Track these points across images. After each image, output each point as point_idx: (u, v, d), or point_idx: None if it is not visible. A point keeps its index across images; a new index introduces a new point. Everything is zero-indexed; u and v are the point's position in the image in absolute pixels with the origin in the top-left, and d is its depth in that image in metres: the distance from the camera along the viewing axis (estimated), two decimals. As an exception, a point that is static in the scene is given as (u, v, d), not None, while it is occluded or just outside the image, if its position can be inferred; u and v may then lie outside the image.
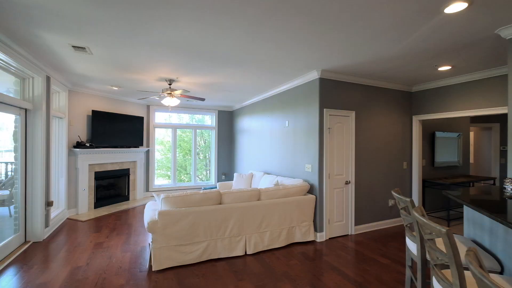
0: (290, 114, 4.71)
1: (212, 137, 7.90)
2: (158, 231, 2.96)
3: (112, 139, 5.88)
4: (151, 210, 3.27)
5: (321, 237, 3.95)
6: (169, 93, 4.48)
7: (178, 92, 4.47)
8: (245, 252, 3.44)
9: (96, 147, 5.47)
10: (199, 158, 8.27)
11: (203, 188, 6.87)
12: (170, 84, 4.52)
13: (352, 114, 4.24)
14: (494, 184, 6.20)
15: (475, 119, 6.78)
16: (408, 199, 1.85)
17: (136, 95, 5.89)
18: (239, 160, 7.30)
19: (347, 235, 4.23)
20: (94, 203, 5.65)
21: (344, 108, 4.18)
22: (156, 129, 7.27)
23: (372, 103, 4.50)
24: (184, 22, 2.41)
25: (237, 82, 4.63)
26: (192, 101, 6.60)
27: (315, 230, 3.98)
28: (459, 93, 4.23)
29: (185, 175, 8.20)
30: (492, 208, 1.72)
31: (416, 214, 1.43)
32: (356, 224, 4.31)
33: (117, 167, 6.17)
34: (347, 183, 4.20)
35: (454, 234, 2.05)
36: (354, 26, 2.45)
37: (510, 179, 2.42)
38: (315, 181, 4.00)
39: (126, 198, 6.43)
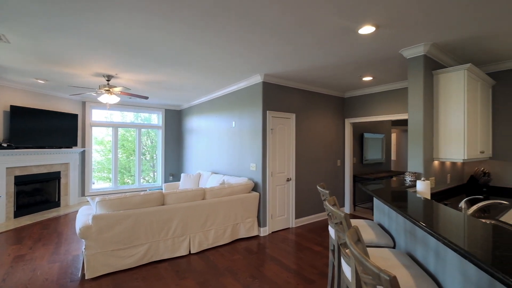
0: (236, 115, 4.86)
1: (158, 136, 7.60)
2: (92, 237, 2.78)
3: (38, 139, 5.21)
4: (85, 215, 3.05)
5: (264, 231, 4.20)
6: (107, 90, 4.20)
7: (117, 89, 4.22)
8: (189, 252, 3.47)
9: (16, 148, 4.79)
10: (145, 159, 7.87)
11: (148, 190, 6.56)
12: (108, 81, 4.24)
13: (293, 116, 4.60)
14: (409, 177, 7.36)
15: (395, 123, 7.93)
16: (327, 192, 2.15)
17: (69, 90, 5.33)
18: (187, 160, 7.18)
19: (288, 228, 4.57)
20: (14, 211, 4.94)
21: (286, 110, 4.51)
22: (93, 128, 6.67)
23: (311, 107, 4.94)
24: (118, 17, 2.34)
25: (183, 82, 4.58)
26: (136, 99, 6.26)
27: (259, 225, 4.20)
28: (380, 100, 4.93)
29: (130, 177, 7.71)
30: (387, 195, 2.12)
31: (328, 204, 1.69)
32: (296, 217, 4.68)
33: (44, 170, 5.49)
34: (288, 180, 4.53)
35: (366, 219, 2.44)
36: (288, 38, 2.70)
37: (409, 173, 2.97)
38: (259, 179, 4.22)
39: (56, 204, 5.76)
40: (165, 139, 7.52)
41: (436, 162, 3.15)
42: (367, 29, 2.48)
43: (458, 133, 2.88)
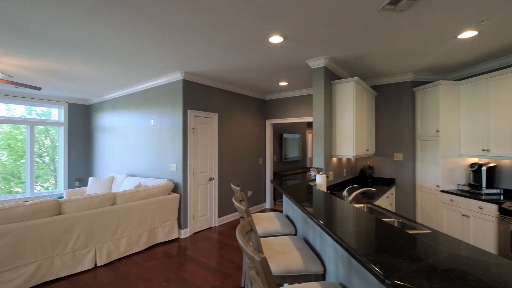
0: (155, 113, 4.58)
1: (60, 135, 6.45)
2: (-51, 263, 2.17)
3: None
4: None
5: (185, 233, 4.10)
6: (-22, 76, 3.33)
7: (-5, 76, 3.39)
8: (95, 265, 3.09)
9: None
10: (43, 162, 6.55)
11: (45, 199, 5.49)
12: (-20, 64, 3.36)
13: (215, 116, 4.63)
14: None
15: (310, 124, 8.93)
16: (238, 188, 2.27)
17: None
18: (99, 163, 6.35)
19: (212, 227, 4.59)
20: None
21: (208, 110, 4.51)
22: (-40, 123, 5.17)
23: (233, 107, 5.08)
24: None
25: (89, 73, 4.03)
26: (25, 89, 5.15)
27: (179, 227, 4.08)
28: (295, 104, 5.47)
29: (20, 185, 6.29)
30: (290, 189, 2.39)
31: (234, 200, 1.79)
32: (219, 216, 4.74)
33: None
34: (211, 179, 4.55)
35: (277, 212, 2.68)
36: (203, 38, 2.71)
37: (314, 168, 3.41)
38: (179, 179, 4.10)
39: None
40: (69, 138, 6.44)
41: (334, 159, 3.71)
42: (276, 39, 2.72)
43: (349, 134, 3.46)
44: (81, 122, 6.63)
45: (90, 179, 5.00)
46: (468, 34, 2.61)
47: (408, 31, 2.56)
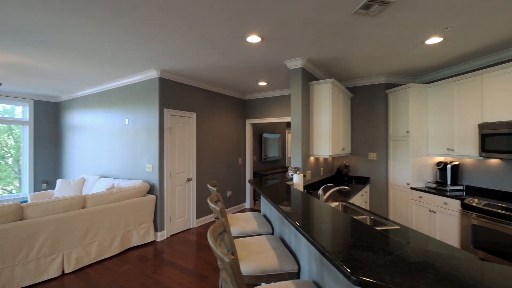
0: (130, 112, 4.40)
1: (25, 134, 6.01)
2: None
3: None
4: None
5: (162, 235, 3.98)
6: None
7: None
8: (63, 272, 2.91)
9: None
10: (6, 163, 6.07)
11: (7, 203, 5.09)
12: None
13: (194, 115, 4.55)
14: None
15: (290, 124, 9.05)
16: (214, 189, 2.24)
17: None
18: (69, 164, 5.99)
19: (190, 228, 4.50)
20: None
21: (186, 109, 4.41)
22: None
23: (213, 107, 5.02)
24: None
25: (57, 69, 3.79)
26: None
27: (156, 230, 3.96)
28: (275, 104, 5.51)
29: (-23, 188, 5.78)
30: (266, 188, 2.39)
31: (209, 201, 1.76)
32: (198, 217, 4.66)
33: None
34: (188, 180, 4.46)
35: (255, 212, 2.67)
36: (179, 35, 2.65)
37: (291, 168, 3.44)
38: (155, 180, 3.97)
39: None
40: (36, 137, 6.01)
41: (312, 158, 3.78)
42: (254, 38, 2.71)
43: (325, 134, 3.54)
44: (49, 121, 6.22)
45: (58, 181, 4.71)
46: (434, 40, 2.77)
47: (380, 35, 2.66)
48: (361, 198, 3.82)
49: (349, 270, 0.82)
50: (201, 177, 4.73)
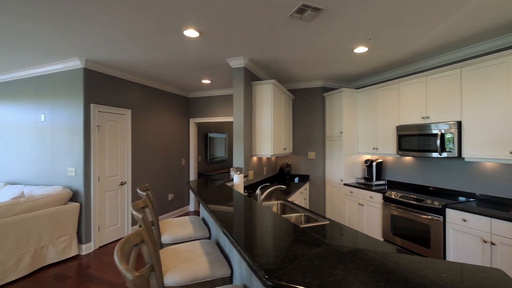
0: (47, 106, 3.76)
1: None
2: None
3: None
4: None
5: (88, 248, 3.50)
6: None
7: None
8: None
9: None
10: None
11: None
12: None
13: (128, 112, 4.13)
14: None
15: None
16: (144, 193, 2.04)
17: None
18: (-36, 168, 4.84)
19: (123, 237, 4.06)
20: None
21: (119, 105, 3.98)
22: None
23: (152, 104, 4.65)
24: None
25: None
26: None
27: (80, 242, 3.46)
28: (220, 103, 5.40)
29: None
30: (203, 189, 2.29)
31: (132, 209, 1.57)
32: (134, 224, 4.26)
33: None
34: (122, 184, 4.03)
35: (192, 216, 2.53)
36: (103, 21, 2.34)
37: (233, 168, 3.39)
38: (80, 186, 3.47)
39: None
40: None
41: (255, 158, 3.80)
42: (191, 33, 2.57)
43: (267, 134, 3.59)
44: None
45: None
46: (361, 49, 3.05)
47: (314, 40, 2.80)
48: (300, 196, 4.00)
49: (264, 275, 0.78)
50: (138, 181, 4.33)
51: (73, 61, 3.41)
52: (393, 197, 3.28)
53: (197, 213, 5.44)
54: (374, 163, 3.98)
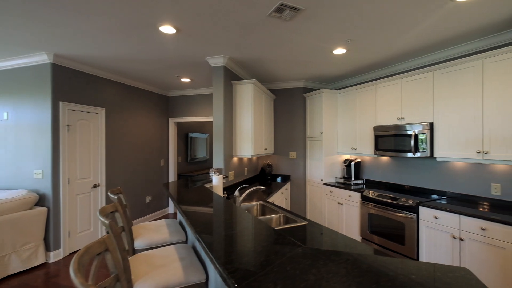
0: (10, 103, 3.49)
1: None
2: None
3: None
4: None
5: (56, 255, 3.28)
6: None
7: None
8: None
9: None
10: None
11: None
12: None
13: (102, 111, 3.93)
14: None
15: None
16: (115, 197, 1.93)
17: None
18: None
19: (97, 243, 3.86)
20: None
21: (92, 104, 3.77)
22: None
23: (128, 102, 4.46)
24: None
25: None
26: None
27: (48, 249, 3.24)
28: (201, 102, 5.29)
29: None
30: (180, 191, 2.21)
31: (98, 214, 1.47)
32: (108, 228, 4.05)
33: None
34: (95, 186, 3.82)
35: (169, 219, 2.43)
36: (72, 13, 2.19)
37: (213, 169, 3.31)
38: (47, 189, 3.25)
39: None
40: None
41: (235, 158, 3.75)
42: (167, 29, 2.47)
43: (248, 134, 3.55)
44: None
45: None
46: (340, 50, 3.09)
47: (294, 40, 2.80)
48: (281, 196, 4.00)
49: (235, 283, 0.74)
50: (113, 183, 4.13)
51: (39, 55, 3.18)
52: (371, 196, 3.36)
53: (176, 215, 5.29)
54: (352, 163, 4.06)
